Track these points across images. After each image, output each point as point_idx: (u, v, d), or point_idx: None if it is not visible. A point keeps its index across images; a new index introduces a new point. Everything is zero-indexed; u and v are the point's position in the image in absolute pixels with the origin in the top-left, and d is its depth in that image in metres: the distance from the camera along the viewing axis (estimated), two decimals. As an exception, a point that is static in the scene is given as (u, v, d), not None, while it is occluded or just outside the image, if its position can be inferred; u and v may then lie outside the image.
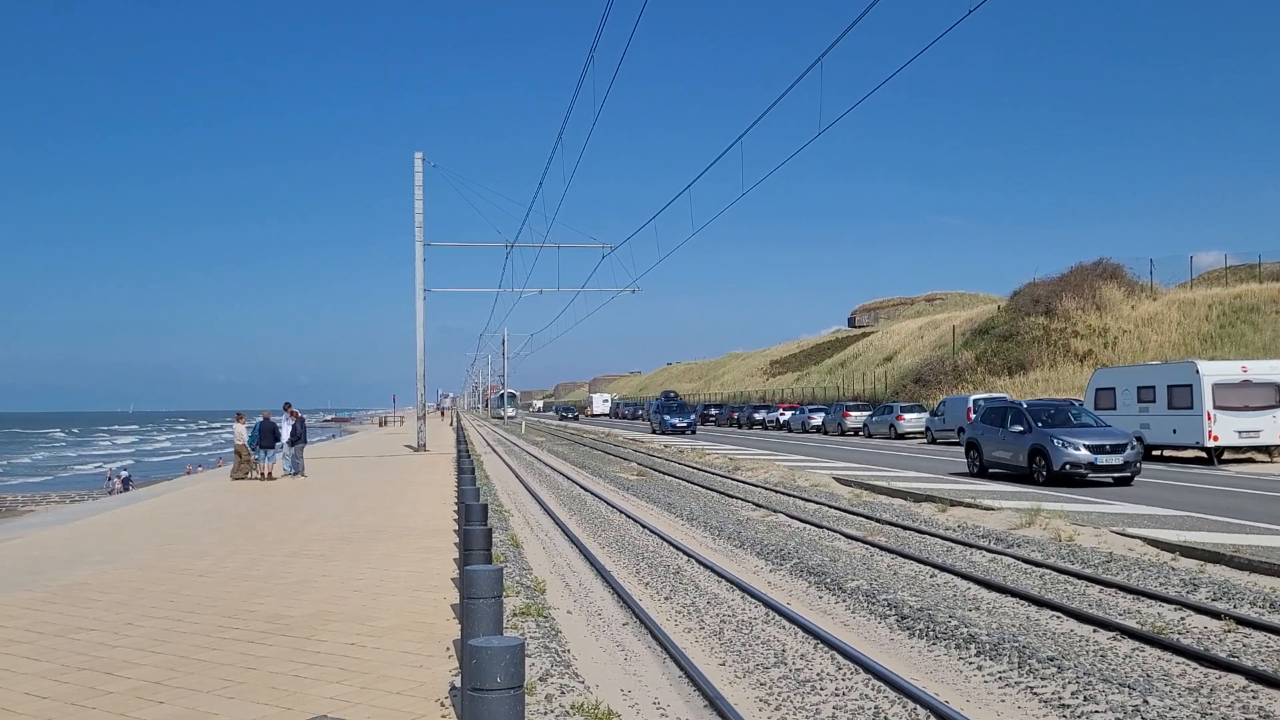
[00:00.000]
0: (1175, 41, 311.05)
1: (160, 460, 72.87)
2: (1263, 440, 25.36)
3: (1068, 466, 20.20)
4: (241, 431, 25.62)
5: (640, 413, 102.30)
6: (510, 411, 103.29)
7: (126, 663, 7.13)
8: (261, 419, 25.09)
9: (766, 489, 22.41)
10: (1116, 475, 20.26)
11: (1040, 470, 20.86)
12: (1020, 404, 24.08)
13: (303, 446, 26.37)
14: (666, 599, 10.84)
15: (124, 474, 47.76)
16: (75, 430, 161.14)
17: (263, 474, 24.88)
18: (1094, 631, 8.70)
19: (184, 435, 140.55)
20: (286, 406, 26.47)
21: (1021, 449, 21.65)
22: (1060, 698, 6.93)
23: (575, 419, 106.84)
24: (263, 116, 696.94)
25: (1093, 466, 20.07)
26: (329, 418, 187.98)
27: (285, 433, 25.44)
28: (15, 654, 7.43)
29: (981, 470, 23.47)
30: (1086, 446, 20.18)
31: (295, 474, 25.57)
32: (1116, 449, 20.29)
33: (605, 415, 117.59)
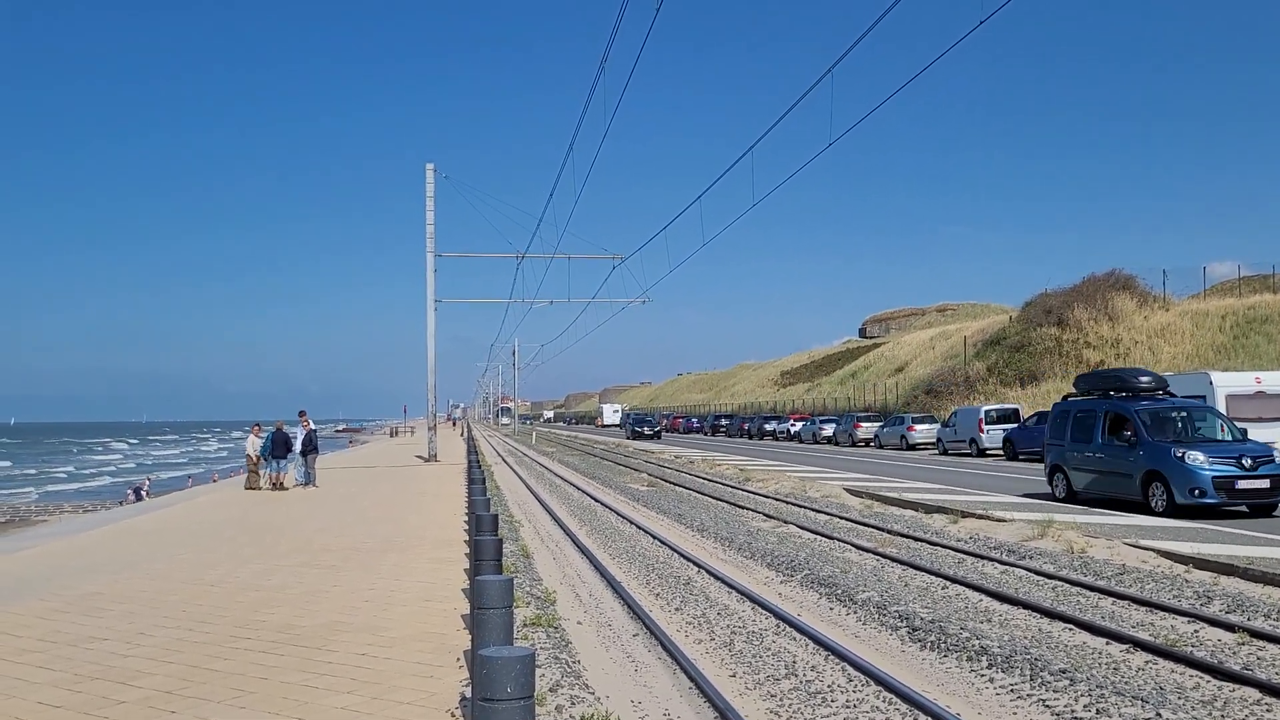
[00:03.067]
0: (1188, 49, 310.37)
1: (234, 465, 73.42)
2: (1278, 451, 24.95)
3: None
4: (254, 442, 25.77)
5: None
6: (506, 420, 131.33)
7: (139, 672, 7.16)
8: (275, 429, 25.22)
9: (777, 500, 22.37)
10: None
11: None
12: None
13: (315, 457, 26.45)
14: (677, 610, 10.82)
15: (145, 483, 47.92)
16: (134, 440, 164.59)
17: (275, 483, 24.98)
18: (1107, 644, 8.66)
19: (230, 444, 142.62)
20: (302, 414, 26.57)
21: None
22: (1073, 710, 6.89)
23: (657, 436, 69.65)
24: (273, 125, 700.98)
25: None
26: (340, 428, 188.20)
27: (298, 443, 25.55)
28: (29, 663, 7.47)
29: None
30: None
31: (307, 484, 25.65)
32: None
33: (616, 426, 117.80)
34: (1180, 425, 18.68)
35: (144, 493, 43.60)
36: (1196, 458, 16.94)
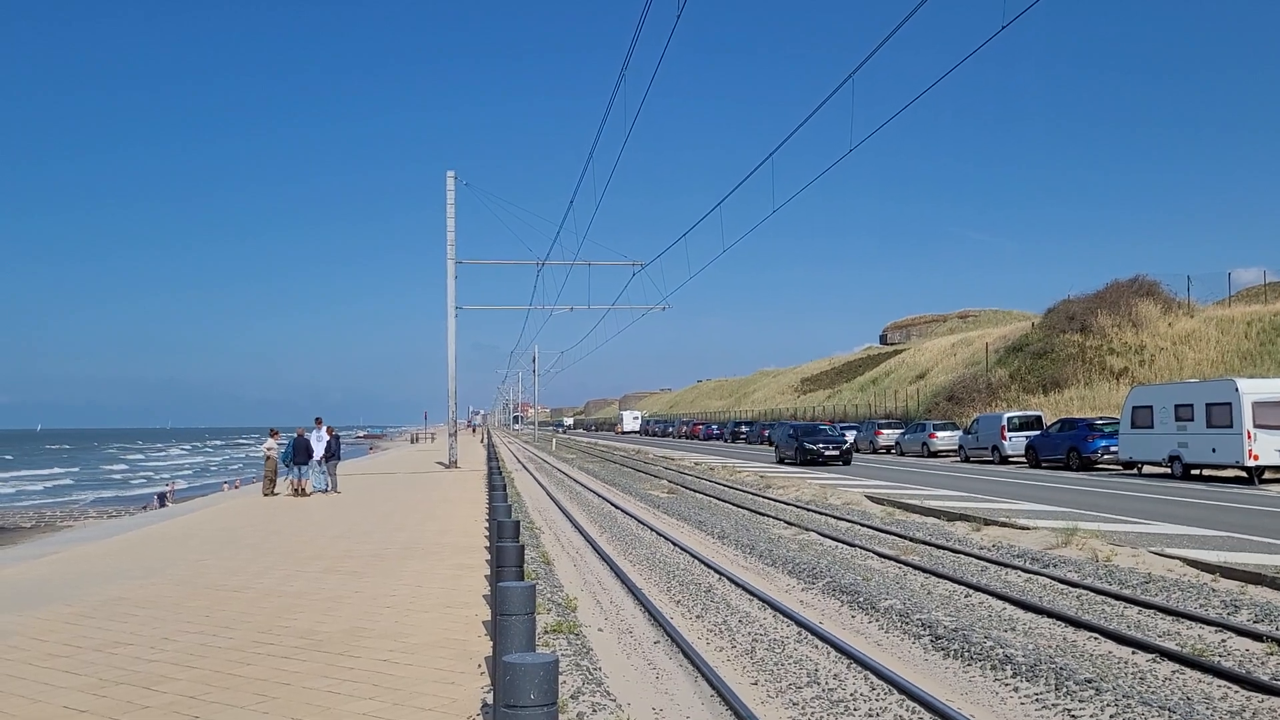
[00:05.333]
0: (1211, 54, 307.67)
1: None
2: (1306, 460, 24.61)
3: None
4: (273, 446, 25.94)
5: (670, 430, 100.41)
6: (518, 426, 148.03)
7: (163, 677, 7.20)
8: (296, 435, 25.35)
9: (798, 507, 22.29)
10: None
11: None
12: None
13: (336, 463, 26.58)
14: (698, 617, 10.80)
15: (169, 489, 48.26)
16: (186, 446, 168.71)
17: (296, 489, 25.10)
18: (1133, 653, 8.57)
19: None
20: (318, 421, 26.69)
21: None
22: (1099, 720, 6.82)
23: (843, 459, 39.69)
24: (295, 132, 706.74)
25: None
26: (361, 434, 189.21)
27: (319, 449, 25.67)
28: (55, 668, 7.53)
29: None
30: None
31: (328, 490, 25.76)
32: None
33: (636, 432, 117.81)
34: None
35: (168, 498, 43.95)
36: None
